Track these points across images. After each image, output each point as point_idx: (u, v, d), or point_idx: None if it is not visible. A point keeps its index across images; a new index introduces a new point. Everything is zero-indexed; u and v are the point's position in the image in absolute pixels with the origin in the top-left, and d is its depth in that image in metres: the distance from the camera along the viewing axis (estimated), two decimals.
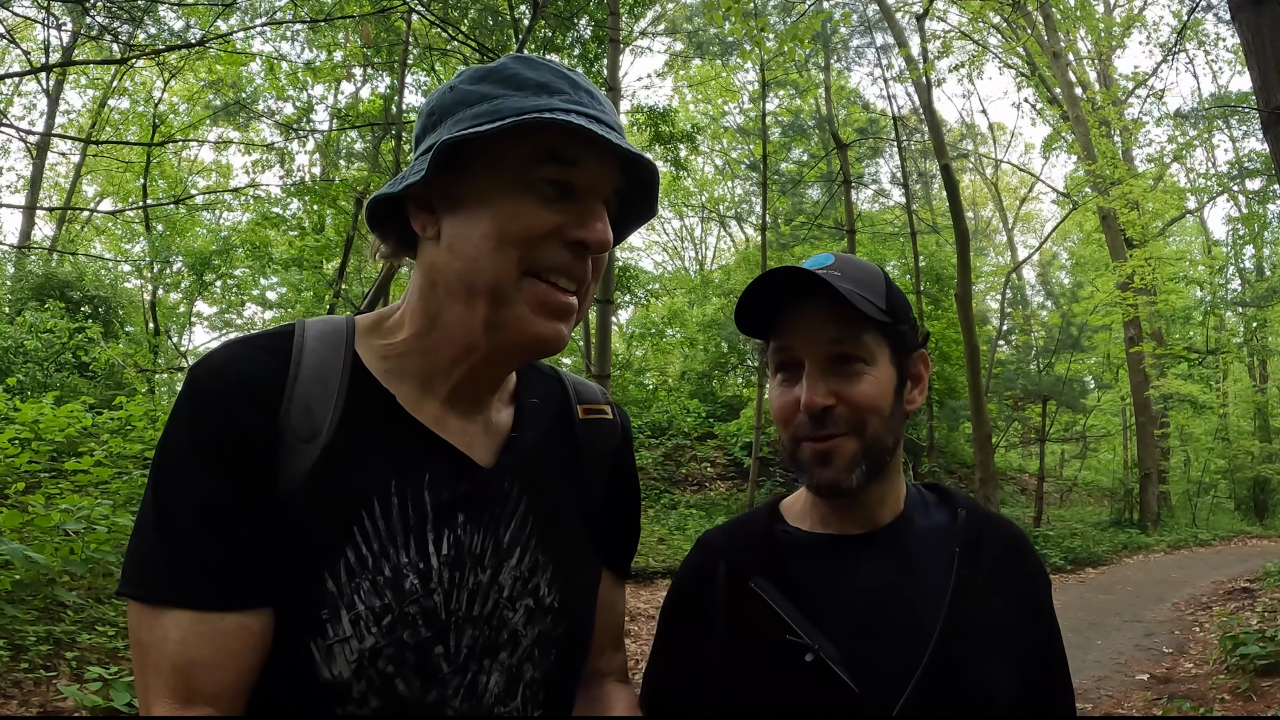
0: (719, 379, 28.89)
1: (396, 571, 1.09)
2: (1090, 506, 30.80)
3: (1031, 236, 48.67)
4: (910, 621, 1.37)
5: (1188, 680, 8.30)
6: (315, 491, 1.08)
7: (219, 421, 1.07)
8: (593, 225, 1.14)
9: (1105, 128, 22.46)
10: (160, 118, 22.18)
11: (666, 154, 21.04)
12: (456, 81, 1.20)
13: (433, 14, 12.44)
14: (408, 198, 1.19)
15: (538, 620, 1.21)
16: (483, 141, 1.11)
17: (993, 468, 17.64)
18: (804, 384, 1.39)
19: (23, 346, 16.19)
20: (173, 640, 1.02)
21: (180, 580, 1.03)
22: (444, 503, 1.15)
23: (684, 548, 13.91)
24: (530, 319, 1.13)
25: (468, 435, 1.22)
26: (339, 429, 1.12)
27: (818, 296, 1.39)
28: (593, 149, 1.12)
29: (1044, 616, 1.49)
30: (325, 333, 1.19)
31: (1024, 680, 1.40)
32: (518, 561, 1.20)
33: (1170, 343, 29.95)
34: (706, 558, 1.55)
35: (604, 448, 1.41)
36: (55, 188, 30.91)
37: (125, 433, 10.97)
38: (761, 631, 1.40)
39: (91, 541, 6.61)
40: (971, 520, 1.49)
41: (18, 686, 5.15)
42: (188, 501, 1.05)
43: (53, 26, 9.88)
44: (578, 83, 1.17)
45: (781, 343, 1.45)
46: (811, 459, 1.41)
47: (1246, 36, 7.80)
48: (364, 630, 1.06)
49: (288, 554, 1.06)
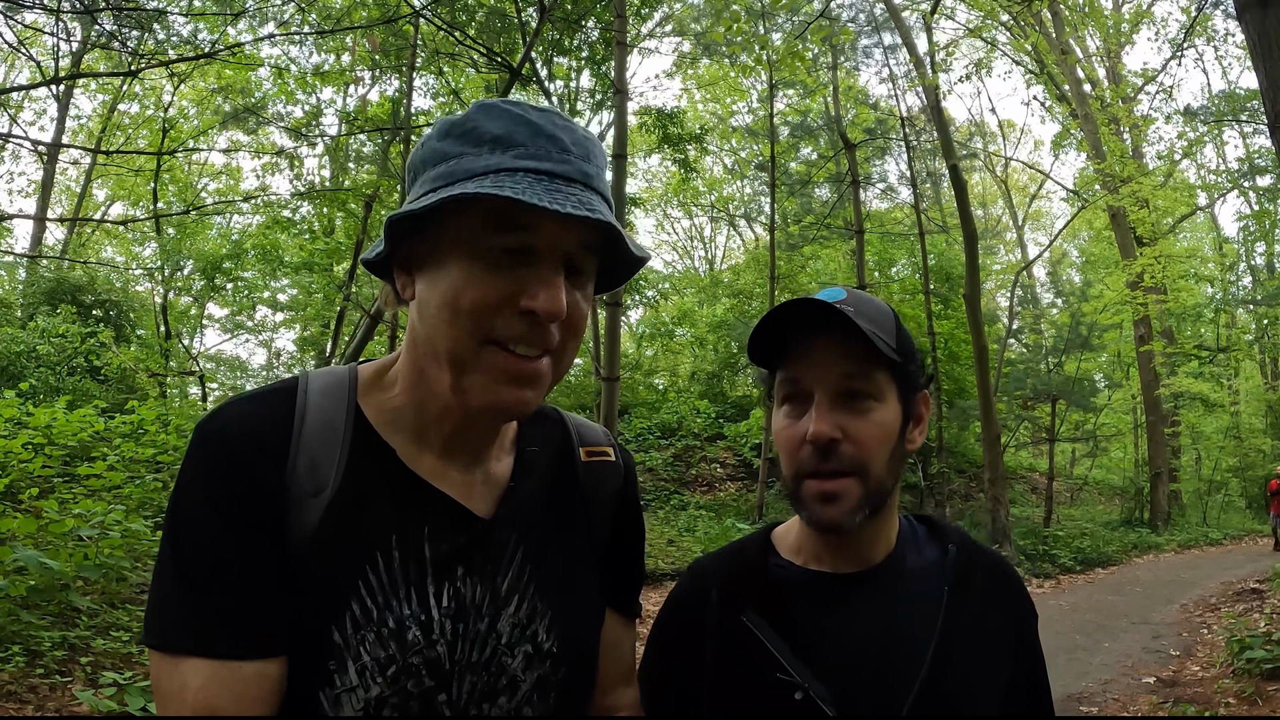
0: (729, 379, 28.85)
1: (400, 624, 1.11)
2: (1100, 506, 30.72)
3: (1041, 234, 48.61)
4: (900, 660, 1.38)
5: (1193, 684, 8.30)
6: (323, 544, 1.10)
7: (231, 477, 1.08)
8: (544, 294, 1.09)
9: (1114, 125, 22.40)
10: (170, 123, 22.24)
11: (675, 155, 21.05)
12: (428, 136, 1.20)
13: (440, 19, 12.47)
14: (390, 259, 1.20)
15: (536, 665, 1.21)
16: (438, 211, 1.09)
17: (1002, 467, 17.62)
18: (812, 415, 1.39)
19: (35, 351, 16.25)
20: (192, 688, 1.03)
21: (199, 630, 1.05)
22: (443, 555, 1.17)
23: (693, 549, 13.94)
24: (491, 387, 1.12)
25: (467, 487, 1.23)
26: (344, 483, 1.13)
27: (831, 330, 1.38)
28: (548, 211, 1.05)
29: (1029, 651, 1.51)
30: (329, 386, 1.21)
31: (1008, 712, 1.42)
32: (515, 609, 1.21)
33: (1181, 341, 29.83)
34: (699, 586, 1.56)
35: (607, 489, 1.41)
36: (66, 192, 31.10)
37: (137, 437, 11.03)
38: (752, 666, 1.41)
39: (105, 547, 6.67)
40: (961, 556, 1.50)
41: (33, 692, 5.20)
42: (204, 554, 1.07)
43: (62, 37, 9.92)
44: (540, 129, 1.13)
45: (791, 373, 1.44)
46: (814, 497, 1.40)
47: (1252, 37, 7.78)
48: (370, 680, 1.08)
49: (297, 605, 1.08)
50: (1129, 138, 25.22)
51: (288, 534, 1.09)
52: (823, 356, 1.40)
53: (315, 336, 26.83)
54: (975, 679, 1.40)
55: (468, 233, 1.10)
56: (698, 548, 14.06)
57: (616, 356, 10.88)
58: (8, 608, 5.76)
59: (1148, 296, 23.85)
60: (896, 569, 1.48)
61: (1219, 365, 31.22)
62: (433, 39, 16.86)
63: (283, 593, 1.08)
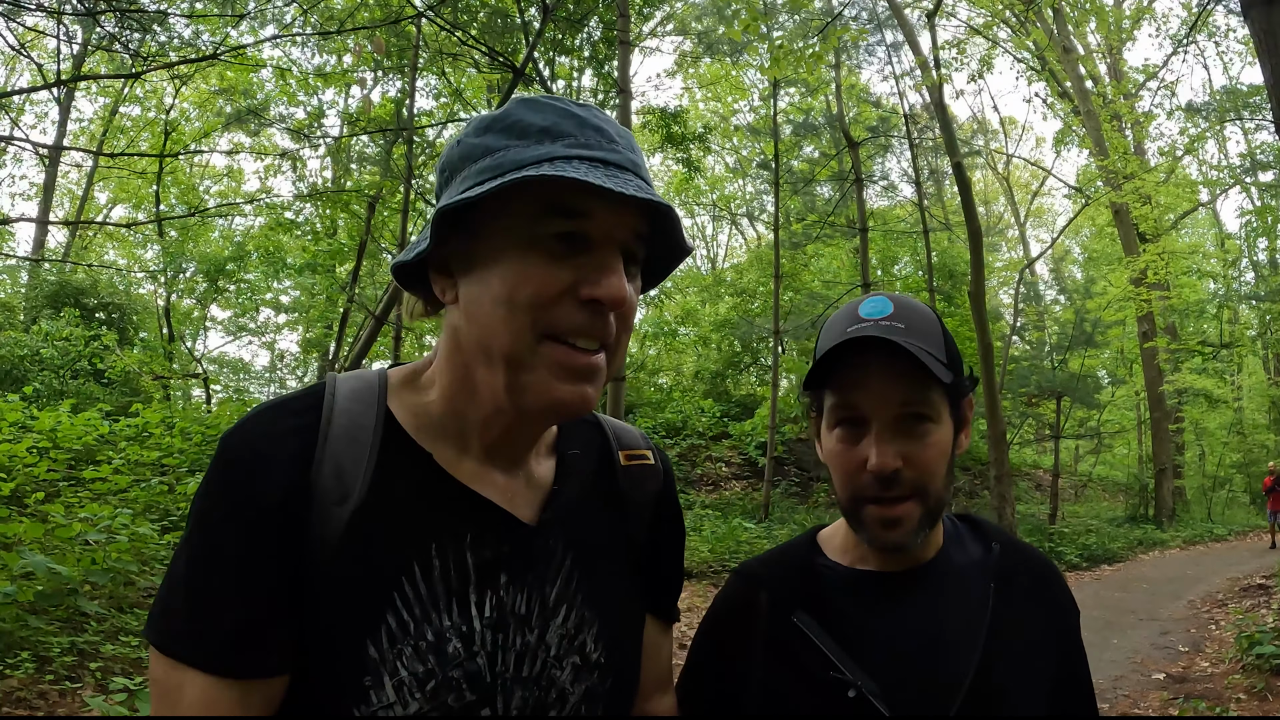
0: (733, 378, 28.90)
1: (439, 636, 1.07)
2: (1105, 502, 30.72)
3: (1044, 231, 48.63)
4: (949, 657, 1.38)
5: (1203, 679, 8.29)
6: (351, 555, 1.06)
7: (248, 489, 1.05)
8: (606, 280, 1.07)
9: (1117, 121, 22.43)
10: (172, 125, 22.28)
11: (677, 154, 21.05)
12: (463, 134, 1.16)
13: (443, 19, 12.45)
14: (427, 262, 1.15)
15: (584, 677, 1.18)
16: (489, 200, 1.06)
17: (1007, 465, 17.58)
18: (873, 446, 1.37)
19: (39, 355, 16.30)
20: (189, 697, 1.02)
21: (203, 645, 1.02)
22: (486, 562, 1.13)
23: (700, 549, 13.91)
24: (550, 383, 1.09)
25: (510, 491, 1.19)
26: (372, 490, 1.09)
27: (885, 355, 1.36)
28: (604, 196, 1.04)
29: (1074, 647, 1.52)
30: (357, 390, 1.17)
31: (1054, 709, 1.43)
32: (564, 619, 1.18)
33: (1184, 337, 29.86)
34: (748, 588, 1.55)
35: (647, 493, 1.38)
36: (68, 194, 31.08)
37: (142, 440, 11.05)
38: (803, 666, 1.41)
39: (113, 551, 6.65)
40: (1005, 554, 1.51)
41: (43, 698, 5.19)
42: (216, 571, 1.04)
43: (64, 40, 9.90)
44: (586, 120, 1.11)
45: (846, 398, 1.41)
46: (876, 522, 1.39)
47: (1258, 34, 7.78)
48: (408, 697, 1.05)
49: (327, 619, 1.05)
50: (1131, 134, 25.24)
51: (311, 547, 1.05)
52: (880, 385, 1.38)
53: (319, 338, 26.81)
54: (1022, 676, 1.40)
55: (521, 223, 1.07)
56: (705, 547, 14.04)
57: (622, 355, 10.89)
58: (15, 613, 5.75)
59: (1151, 293, 23.84)
60: (943, 568, 1.48)
61: (1222, 361, 31.24)
62: (435, 39, 16.86)
63: (300, 610, 1.04)
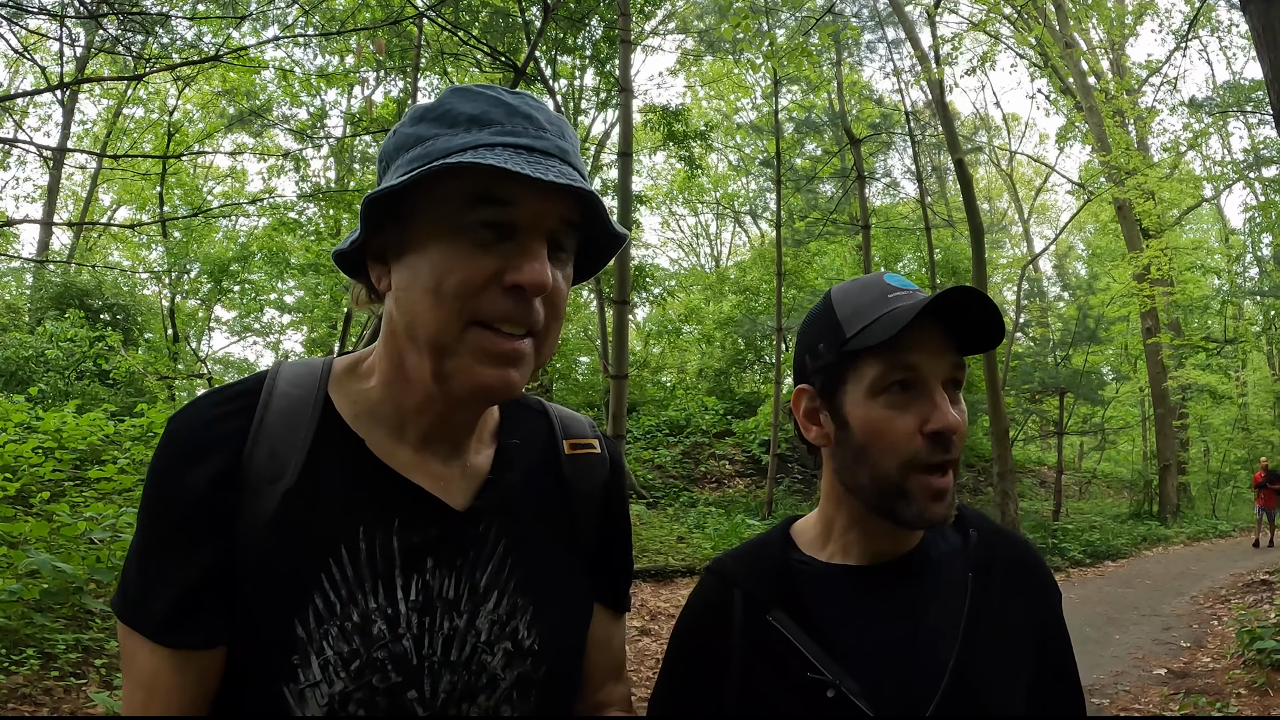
0: (736, 376, 28.89)
1: (365, 617, 1.10)
2: (1109, 499, 30.70)
3: (1047, 228, 48.57)
4: (929, 650, 1.36)
5: (1204, 675, 8.30)
6: (282, 535, 1.09)
7: (183, 470, 1.09)
8: (528, 266, 1.07)
9: (1119, 117, 22.37)
10: (175, 126, 22.31)
11: (680, 152, 21.07)
12: (400, 124, 1.17)
13: (444, 19, 12.48)
14: (364, 250, 1.17)
15: (516, 663, 1.19)
16: (417, 189, 1.08)
17: (1011, 462, 17.59)
18: (937, 405, 1.34)
19: (44, 355, 16.35)
20: (139, 659, 1.09)
21: (147, 616, 1.08)
22: (413, 547, 1.15)
23: (703, 546, 13.94)
24: (474, 368, 1.10)
25: (444, 479, 1.21)
26: (304, 473, 1.12)
27: (941, 317, 1.34)
28: (529, 183, 1.05)
29: (1056, 630, 1.49)
30: (299, 376, 1.20)
31: (1038, 696, 1.42)
32: (495, 605, 1.19)
33: (1188, 333, 29.78)
34: (721, 588, 1.52)
35: (593, 482, 1.38)
36: (72, 196, 31.16)
37: (147, 440, 11.06)
38: (781, 666, 1.39)
39: (117, 549, 6.70)
40: (983, 541, 1.49)
41: (48, 694, 5.24)
42: (156, 544, 1.10)
43: (67, 43, 9.93)
44: (516, 108, 1.12)
45: (908, 359, 1.35)
46: (926, 493, 1.35)
47: (1257, 28, 7.79)
48: (333, 675, 1.07)
49: (257, 597, 1.08)
50: (1134, 130, 25.19)
51: (243, 524, 1.09)
52: (938, 344, 1.36)
53: (323, 337, 26.91)
54: (1002, 666, 1.39)
55: (447, 211, 1.08)
56: (708, 545, 14.06)
57: (625, 354, 10.89)
58: (21, 611, 5.80)
59: (1154, 289, 23.81)
60: (922, 559, 1.46)
61: (1226, 357, 31.21)
62: (437, 39, 16.90)
63: (234, 585, 1.08)
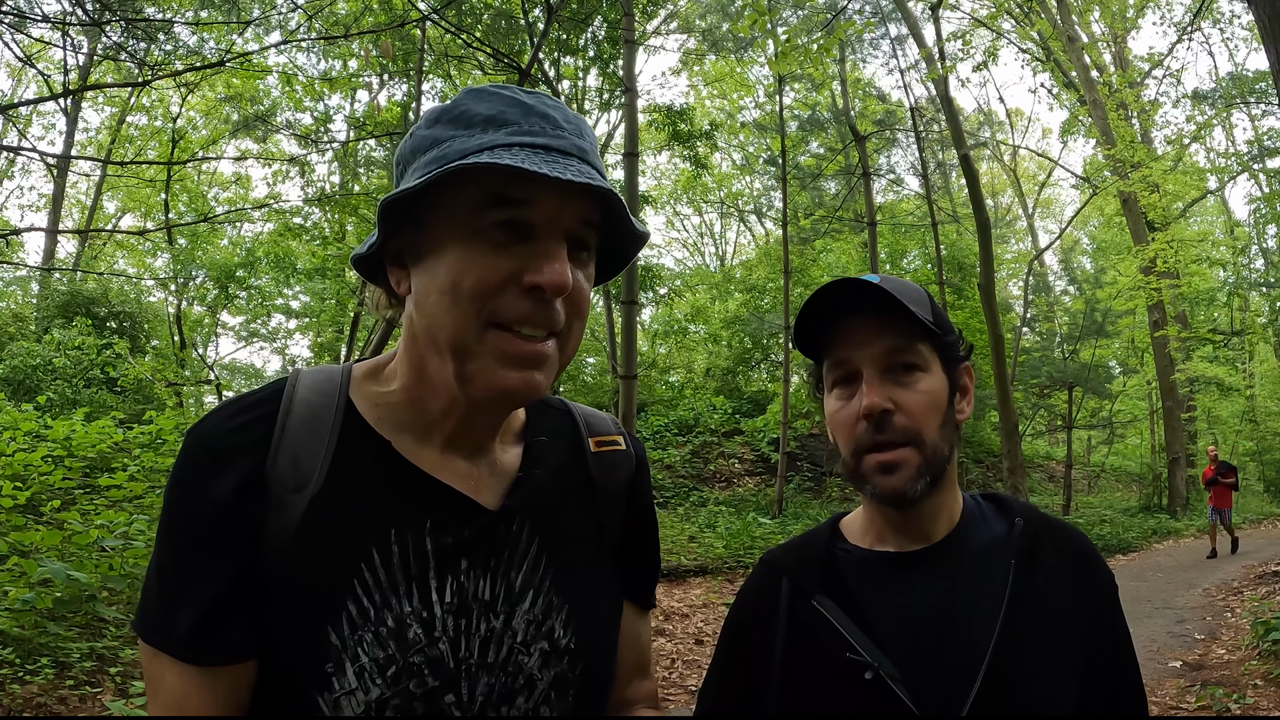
0: (744, 375, 28.88)
1: (399, 621, 1.09)
2: (1119, 492, 30.65)
3: (1052, 222, 48.48)
4: (968, 636, 1.38)
5: (1220, 667, 8.28)
6: (310, 543, 1.08)
7: (203, 483, 1.07)
8: (548, 267, 1.06)
9: (1123, 110, 22.33)
10: (179, 133, 22.37)
11: (684, 152, 21.06)
12: (416, 127, 1.17)
13: (447, 22, 12.47)
14: (382, 254, 1.17)
15: (553, 663, 1.18)
16: (433, 192, 1.07)
17: (1020, 456, 17.56)
18: (863, 390, 1.42)
19: (51, 364, 16.37)
20: (166, 684, 1.06)
21: (171, 634, 1.06)
22: (446, 548, 1.14)
23: (714, 545, 13.93)
24: (495, 371, 1.09)
25: (473, 479, 1.19)
26: (330, 478, 1.11)
27: (869, 308, 1.42)
28: (546, 183, 1.04)
29: (1109, 621, 1.49)
30: (319, 382, 1.18)
31: (1088, 688, 1.41)
32: (531, 605, 1.18)
33: (1195, 325, 29.74)
34: (770, 576, 1.57)
35: (618, 479, 1.37)
36: (77, 204, 31.22)
37: (156, 447, 11.07)
38: (822, 649, 1.42)
39: (130, 557, 6.69)
40: (1028, 529, 1.50)
41: (63, 703, 5.23)
42: (178, 560, 1.08)
43: (70, 50, 9.95)
44: (532, 108, 1.11)
45: (839, 355, 1.46)
46: (874, 469, 1.42)
47: (1263, 20, 7.77)
48: (369, 682, 1.06)
49: (287, 607, 1.07)
50: (1137, 123, 25.14)
51: (268, 535, 1.07)
52: (866, 335, 1.43)
53: (330, 342, 26.93)
54: (1047, 651, 1.39)
55: (464, 213, 1.08)
56: (719, 544, 14.07)
57: (633, 354, 10.87)
58: (35, 620, 5.81)
59: (1161, 281, 23.74)
60: (960, 544, 1.48)
61: (1233, 349, 31.13)
62: (440, 42, 16.90)
63: (259, 599, 1.07)
